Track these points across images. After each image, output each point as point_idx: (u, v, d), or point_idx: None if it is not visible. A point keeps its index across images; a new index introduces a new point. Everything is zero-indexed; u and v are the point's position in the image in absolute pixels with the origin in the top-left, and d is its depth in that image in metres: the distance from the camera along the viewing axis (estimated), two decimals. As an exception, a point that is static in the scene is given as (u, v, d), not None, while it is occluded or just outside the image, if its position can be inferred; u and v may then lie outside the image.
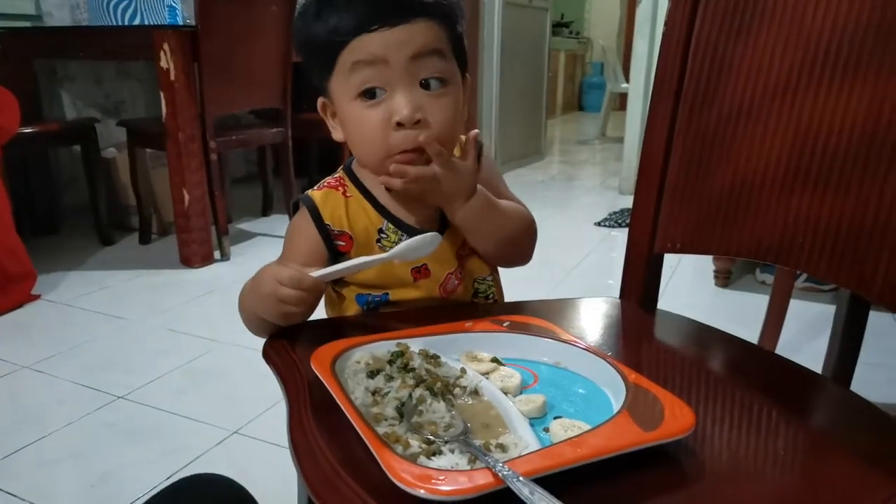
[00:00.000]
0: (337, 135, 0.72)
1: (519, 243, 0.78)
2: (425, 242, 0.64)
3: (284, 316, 0.64)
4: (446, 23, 0.66)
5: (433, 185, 0.67)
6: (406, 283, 0.73)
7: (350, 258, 0.71)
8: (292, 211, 0.75)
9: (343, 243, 0.72)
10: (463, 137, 0.74)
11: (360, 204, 0.73)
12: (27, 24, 2.63)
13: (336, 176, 0.76)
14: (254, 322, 0.68)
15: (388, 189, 0.72)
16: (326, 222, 0.72)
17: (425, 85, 0.65)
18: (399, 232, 0.72)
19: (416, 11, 0.64)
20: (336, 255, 0.72)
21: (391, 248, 0.70)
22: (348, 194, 0.73)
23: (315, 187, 0.75)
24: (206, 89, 2.23)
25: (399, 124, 0.64)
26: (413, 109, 0.64)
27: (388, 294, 0.74)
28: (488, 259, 0.78)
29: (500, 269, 0.82)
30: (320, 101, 0.72)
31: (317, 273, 0.63)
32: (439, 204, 0.72)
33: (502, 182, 0.80)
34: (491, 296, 0.80)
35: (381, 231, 0.72)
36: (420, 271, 0.73)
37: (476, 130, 0.72)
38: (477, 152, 0.71)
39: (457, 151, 0.71)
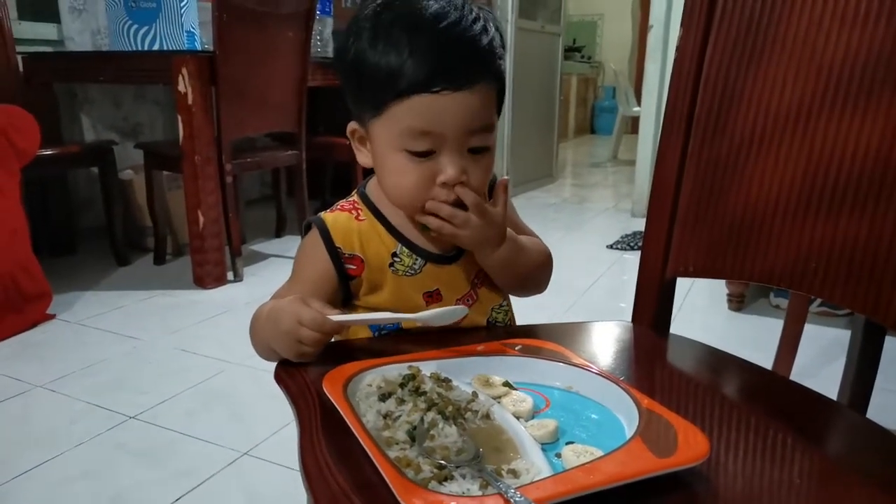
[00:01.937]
0: (364, 160, 0.72)
1: (539, 278, 0.79)
2: (452, 314, 0.64)
3: (299, 354, 0.64)
4: (499, 82, 0.67)
5: (465, 231, 0.68)
6: (418, 309, 0.73)
7: (361, 282, 0.72)
8: (304, 232, 0.75)
9: (354, 266, 0.72)
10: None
11: (373, 228, 0.73)
12: (49, 48, 2.69)
13: (350, 200, 0.76)
14: (266, 350, 0.67)
15: (412, 218, 0.71)
16: (337, 245, 0.71)
17: (471, 149, 0.66)
18: (413, 256, 0.72)
19: (480, 76, 0.63)
20: (345, 279, 0.72)
21: (405, 271, 0.71)
22: (361, 218, 0.73)
23: (328, 210, 0.75)
24: (222, 113, 2.26)
25: (443, 183, 0.65)
26: (459, 174, 0.65)
27: (398, 325, 0.73)
28: (507, 291, 0.78)
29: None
30: (351, 126, 0.71)
31: (338, 318, 0.62)
32: (472, 249, 0.71)
33: (517, 215, 0.81)
34: (507, 323, 0.79)
35: (394, 255, 0.72)
36: (432, 296, 0.73)
37: (506, 178, 0.72)
38: (505, 198, 0.72)
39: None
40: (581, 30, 8.59)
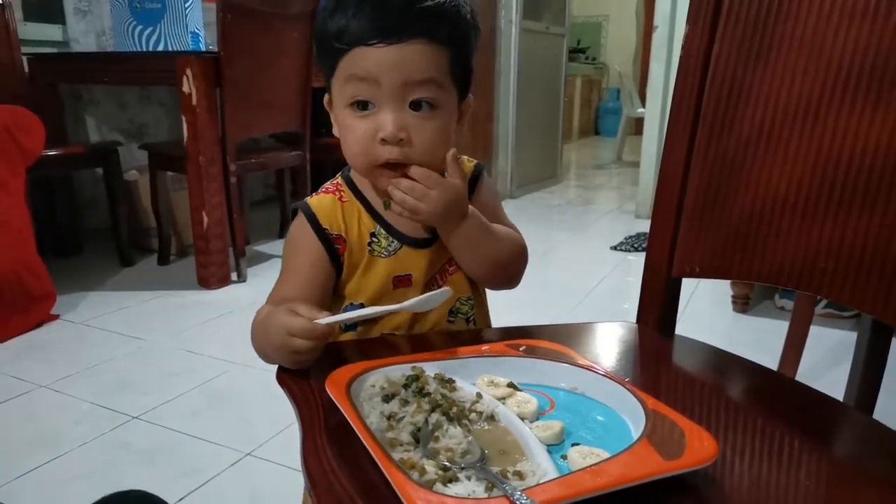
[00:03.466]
0: (336, 131, 0.74)
1: (508, 268, 0.77)
2: (437, 297, 0.64)
3: (296, 363, 0.63)
4: (450, 46, 0.67)
5: (425, 204, 0.68)
6: (385, 292, 0.73)
7: (343, 262, 0.73)
8: (291, 217, 0.76)
9: (339, 246, 0.73)
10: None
11: (354, 208, 0.74)
12: (54, 49, 2.69)
13: (335, 182, 0.77)
14: (267, 358, 0.67)
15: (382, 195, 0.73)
16: (325, 227, 0.73)
17: (415, 104, 0.67)
18: (389, 238, 0.74)
19: (415, 32, 0.65)
20: (337, 261, 0.73)
21: (380, 252, 0.73)
22: (344, 199, 0.75)
23: (313, 193, 0.76)
24: (227, 113, 2.27)
25: (383, 140, 0.67)
26: (397, 129, 0.66)
27: (363, 304, 0.73)
28: (476, 280, 0.78)
29: (508, 295, 0.81)
30: (327, 96, 0.74)
31: (327, 320, 0.61)
32: (435, 225, 0.72)
33: (500, 208, 0.81)
34: (471, 317, 0.78)
35: (373, 235, 0.74)
36: (402, 280, 0.74)
37: (454, 149, 0.72)
38: (460, 170, 0.72)
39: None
40: (586, 31, 8.57)
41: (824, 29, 0.65)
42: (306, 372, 0.62)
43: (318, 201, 0.74)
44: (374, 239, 0.74)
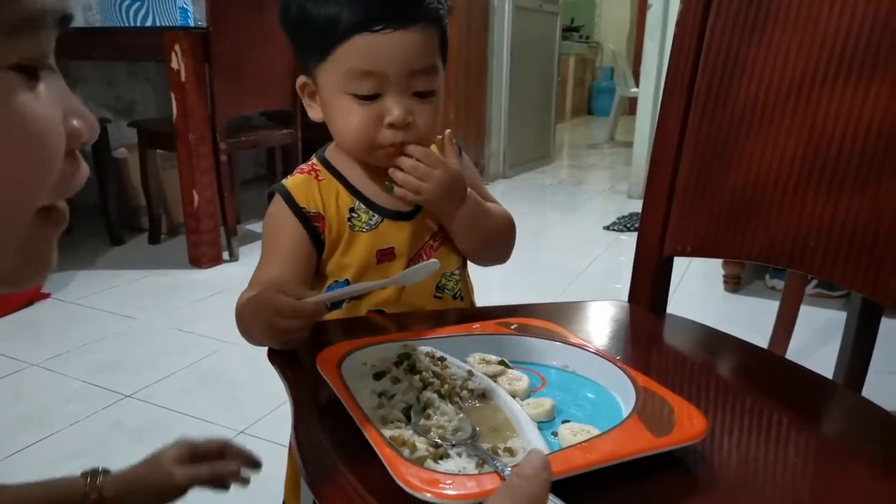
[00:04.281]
0: (315, 115, 0.74)
1: (502, 244, 0.79)
2: (425, 269, 0.63)
3: (286, 343, 0.63)
4: (440, 26, 0.68)
5: (428, 184, 0.69)
6: (369, 266, 0.73)
7: (325, 239, 0.72)
8: (268, 201, 0.75)
9: (318, 224, 0.73)
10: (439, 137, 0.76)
11: (331, 185, 0.74)
12: (40, 24, 2.65)
13: (310, 163, 0.77)
14: (254, 339, 0.66)
15: (365, 170, 0.74)
16: (301, 206, 0.72)
17: (416, 93, 0.68)
18: (370, 212, 0.73)
19: (420, 15, 0.65)
20: (317, 239, 0.72)
21: (361, 227, 0.73)
22: (321, 178, 0.74)
23: (289, 175, 0.76)
24: (216, 91, 2.24)
25: (390, 125, 0.67)
26: (405, 114, 0.67)
27: (348, 280, 0.73)
28: (471, 257, 0.78)
29: (501, 274, 0.81)
30: (300, 80, 0.73)
31: (315, 299, 0.60)
32: (436, 206, 0.72)
33: (480, 182, 0.81)
34: (458, 293, 0.78)
35: (352, 210, 0.73)
36: (385, 254, 0.73)
37: (448, 130, 0.73)
38: (455, 152, 0.73)
39: (435, 149, 0.75)
40: (579, 9, 8.48)
41: (819, 3, 0.65)
42: (297, 350, 0.62)
43: (293, 182, 0.74)
44: (354, 214, 0.73)
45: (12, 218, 0.33)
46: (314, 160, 0.77)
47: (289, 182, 0.74)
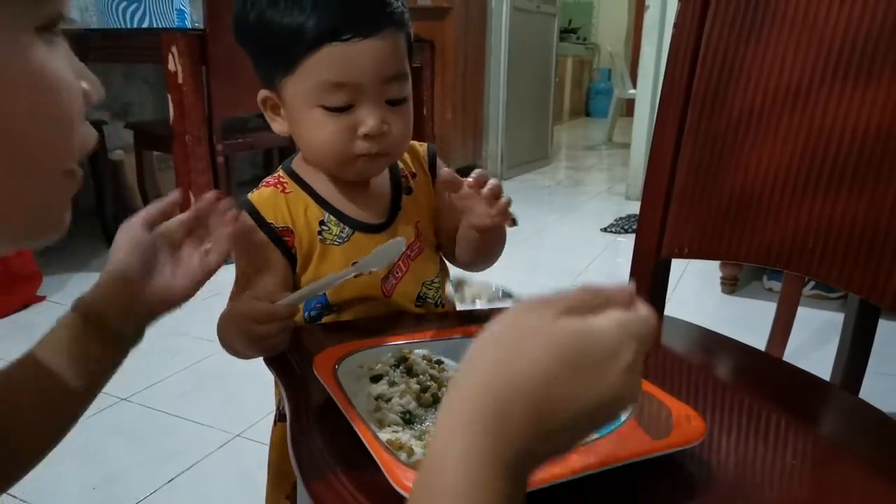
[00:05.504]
0: (279, 127, 0.71)
1: (496, 251, 0.77)
2: (391, 249, 0.63)
3: (268, 349, 0.62)
4: (405, 30, 0.67)
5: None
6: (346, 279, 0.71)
7: (294, 253, 0.70)
8: None
9: (287, 238, 0.70)
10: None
11: (300, 198, 0.71)
12: (36, 26, 2.64)
13: (275, 175, 0.74)
14: (241, 354, 0.66)
15: (334, 182, 0.72)
16: (269, 221, 0.70)
17: (389, 101, 0.66)
18: (341, 224, 0.71)
19: (385, 21, 0.63)
20: (287, 252, 0.70)
21: (332, 240, 0.70)
22: (288, 190, 0.72)
23: (254, 189, 0.73)
24: (213, 92, 2.23)
25: (365, 135, 0.65)
26: (381, 124, 0.65)
27: (325, 296, 0.71)
28: (462, 264, 0.77)
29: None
30: (262, 94, 0.70)
31: (286, 300, 0.60)
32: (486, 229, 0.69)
33: None
34: (439, 301, 0.76)
35: (322, 223, 0.71)
36: None
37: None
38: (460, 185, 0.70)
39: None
40: (577, 10, 8.50)
41: (816, 7, 0.65)
42: (294, 354, 0.62)
43: (258, 196, 0.71)
44: (325, 227, 0.71)
45: (40, 174, 0.34)
46: (280, 172, 0.74)
47: (254, 196, 0.71)
